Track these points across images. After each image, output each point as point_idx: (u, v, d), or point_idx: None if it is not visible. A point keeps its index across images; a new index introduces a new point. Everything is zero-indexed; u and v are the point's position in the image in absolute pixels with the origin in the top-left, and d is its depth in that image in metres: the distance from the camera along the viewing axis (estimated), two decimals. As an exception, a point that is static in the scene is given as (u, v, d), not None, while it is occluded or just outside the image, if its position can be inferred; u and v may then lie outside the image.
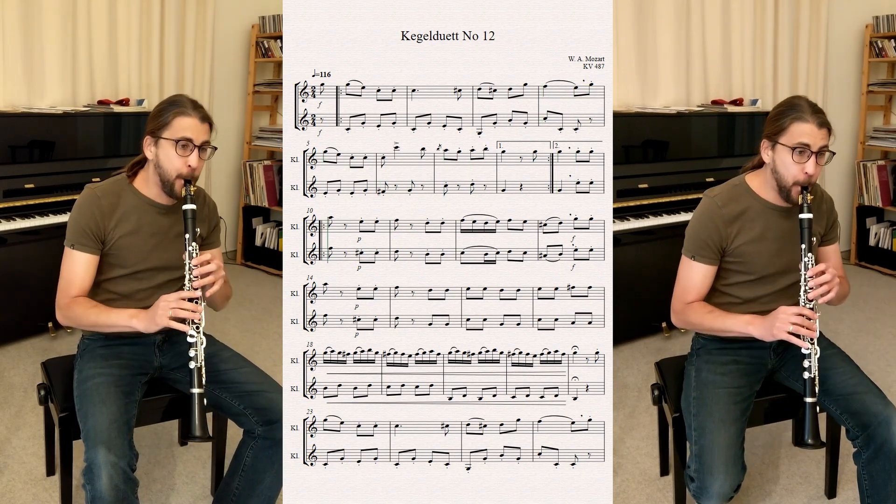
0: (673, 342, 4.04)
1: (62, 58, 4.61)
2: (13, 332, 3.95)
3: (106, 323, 2.20)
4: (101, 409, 2.14)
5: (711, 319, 2.28)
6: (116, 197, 2.27)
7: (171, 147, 2.20)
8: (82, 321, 2.22)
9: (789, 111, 2.22)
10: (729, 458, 2.16)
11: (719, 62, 5.03)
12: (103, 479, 2.01)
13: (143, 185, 2.29)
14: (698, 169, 4.29)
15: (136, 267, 2.26)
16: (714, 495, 2.16)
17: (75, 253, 2.23)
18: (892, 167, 5.45)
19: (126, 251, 2.26)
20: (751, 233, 2.29)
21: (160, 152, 2.22)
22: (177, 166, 2.21)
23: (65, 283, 2.24)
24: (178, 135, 2.20)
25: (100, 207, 2.24)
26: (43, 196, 4.01)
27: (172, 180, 2.22)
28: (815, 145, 2.18)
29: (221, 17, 5.46)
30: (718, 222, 2.29)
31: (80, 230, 2.23)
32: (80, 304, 2.21)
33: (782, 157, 2.21)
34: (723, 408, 2.24)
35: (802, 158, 2.18)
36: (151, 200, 2.29)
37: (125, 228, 2.25)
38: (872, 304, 4.81)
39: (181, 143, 2.20)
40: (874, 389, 2.26)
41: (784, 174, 2.22)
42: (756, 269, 2.31)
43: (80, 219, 2.24)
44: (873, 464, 2.22)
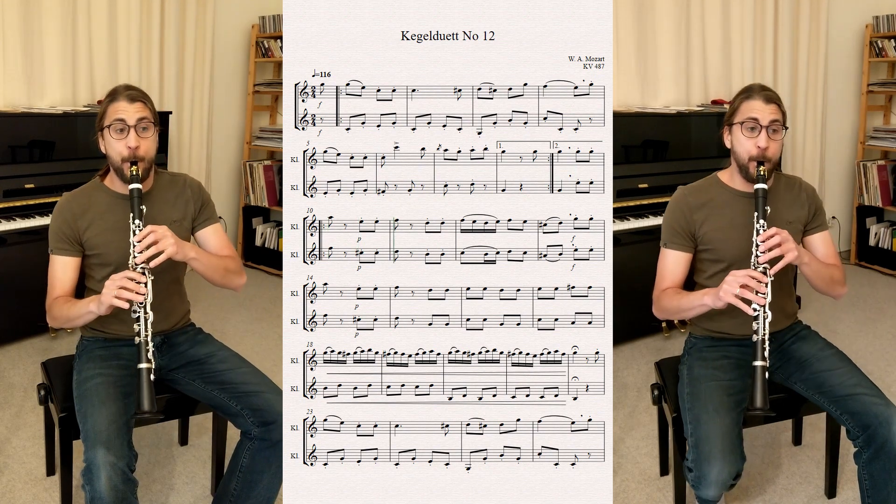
0: (673, 342, 4.04)
1: (62, 58, 4.61)
2: (13, 332, 3.96)
3: (76, 314, 2.23)
4: (100, 409, 2.14)
5: (678, 300, 2.33)
6: (87, 198, 2.33)
7: (109, 134, 2.25)
8: (61, 318, 2.27)
9: (741, 94, 2.36)
10: (726, 446, 2.17)
11: (719, 62, 5.03)
12: (102, 480, 2.01)
13: (111, 182, 2.35)
14: (698, 169, 4.25)
15: (119, 260, 2.27)
16: (712, 483, 2.16)
17: (55, 257, 2.30)
18: (892, 167, 5.45)
19: (105, 247, 2.30)
20: (719, 220, 2.36)
21: (105, 144, 2.29)
22: (118, 150, 2.24)
23: (49, 287, 2.31)
24: (112, 119, 2.25)
25: (71, 210, 2.30)
26: (43, 196, 4.01)
27: (120, 165, 2.25)
28: (765, 119, 2.28)
29: (221, 17, 5.46)
30: (685, 209, 2.39)
31: (55, 235, 2.30)
32: (58, 303, 2.27)
33: (737, 136, 2.33)
34: (716, 399, 2.26)
35: (753, 134, 2.29)
36: (120, 194, 2.32)
37: (100, 226, 2.30)
38: (872, 304, 4.81)
39: (115, 126, 2.24)
40: (874, 389, 2.26)
41: (740, 151, 2.33)
42: (727, 256, 2.35)
43: (54, 224, 2.31)
44: (874, 463, 2.22)
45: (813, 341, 2.43)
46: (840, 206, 5.81)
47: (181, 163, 5.27)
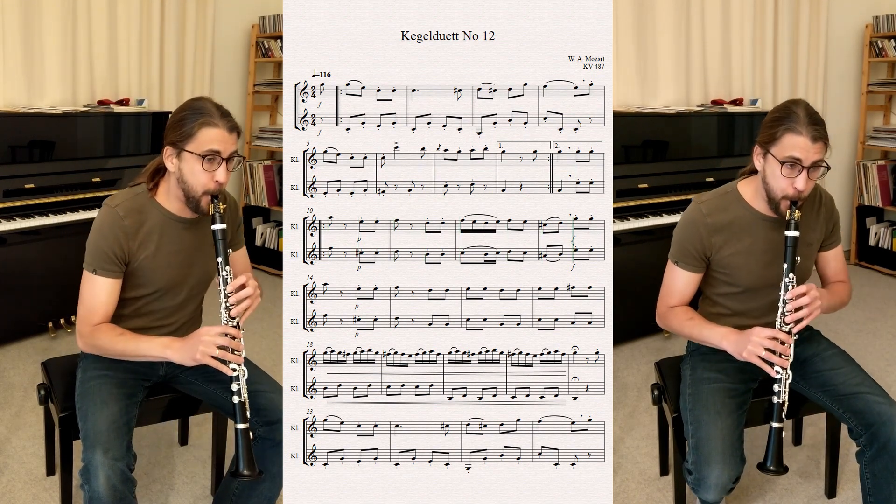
0: (673, 342, 4.04)
1: (62, 58, 4.61)
2: (13, 332, 3.95)
3: (136, 353, 2.09)
4: (101, 410, 2.13)
5: (690, 327, 2.28)
6: (139, 214, 2.13)
7: (196, 161, 2.03)
8: (108, 350, 2.12)
9: (785, 120, 2.11)
10: (726, 449, 2.16)
11: (719, 62, 5.03)
12: (101, 480, 2.00)
13: (164, 198, 2.15)
14: (698, 169, 4.29)
15: (158, 285, 2.17)
16: (711, 486, 2.15)
17: (97, 278, 2.09)
18: (892, 167, 5.45)
19: (149, 271, 2.15)
20: (738, 245, 2.25)
21: (184, 166, 2.06)
22: (203, 182, 2.04)
23: (86, 311, 2.11)
24: (205, 148, 2.03)
25: (123, 229, 2.09)
26: (43, 196, 4.01)
27: (199, 197, 2.07)
28: (808, 160, 2.09)
29: (221, 17, 5.46)
30: (702, 231, 2.25)
31: (102, 254, 2.09)
32: (104, 331, 2.11)
33: (773, 168, 2.13)
34: (718, 401, 2.25)
35: (793, 173, 2.09)
36: (174, 215, 2.15)
37: (149, 248, 2.13)
38: (872, 304, 4.81)
39: (208, 157, 2.03)
40: (877, 389, 2.26)
41: (773, 186, 2.15)
42: (742, 283, 2.29)
43: (101, 242, 2.09)
44: (876, 462, 2.22)
45: (817, 342, 2.42)
46: (840, 206, 5.72)
47: (181, 163, 5.27)
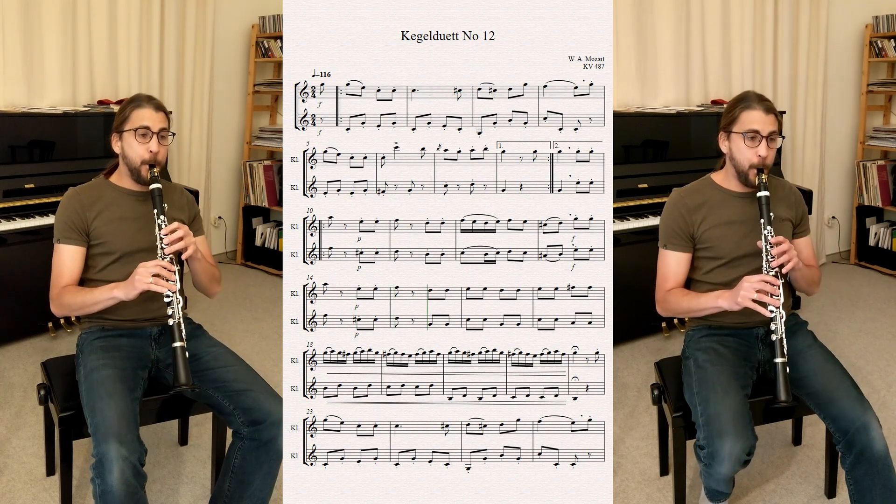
0: (673, 342, 4.04)
1: (62, 58, 4.61)
2: (13, 332, 3.96)
3: (92, 301, 2.30)
4: (108, 402, 2.15)
5: (688, 301, 2.40)
6: (94, 191, 2.45)
7: (131, 137, 2.40)
8: (72, 306, 2.33)
9: (739, 101, 2.42)
10: (737, 421, 2.19)
11: (719, 62, 5.03)
12: (115, 473, 2.01)
13: (118, 179, 2.48)
14: (698, 169, 4.24)
15: (124, 250, 2.38)
16: (726, 458, 2.16)
17: (62, 246, 2.38)
18: (891, 167, 5.45)
19: (111, 237, 2.39)
20: (716, 218, 2.43)
21: (124, 144, 2.42)
22: (139, 153, 2.39)
23: (55, 276, 2.38)
24: (137, 124, 2.40)
25: (80, 201, 2.41)
26: (43, 196, 4.01)
27: (138, 167, 2.40)
28: (765, 130, 2.36)
29: (221, 17, 5.46)
30: (682, 210, 2.45)
31: (63, 224, 2.39)
32: (68, 291, 2.33)
33: (737, 144, 2.40)
34: (724, 380, 2.30)
35: (754, 143, 2.37)
36: (128, 189, 2.45)
37: (107, 217, 2.40)
38: (872, 304, 4.81)
39: (140, 131, 2.39)
40: (852, 393, 2.27)
41: (740, 159, 2.40)
42: (725, 253, 2.42)
43: (61, 214, 2.40)
44: (856, 469, 2.23)
45: (802, 337, 2.45)
46: (840, 206, 5.81)
47: (181, 163, 5.28)
